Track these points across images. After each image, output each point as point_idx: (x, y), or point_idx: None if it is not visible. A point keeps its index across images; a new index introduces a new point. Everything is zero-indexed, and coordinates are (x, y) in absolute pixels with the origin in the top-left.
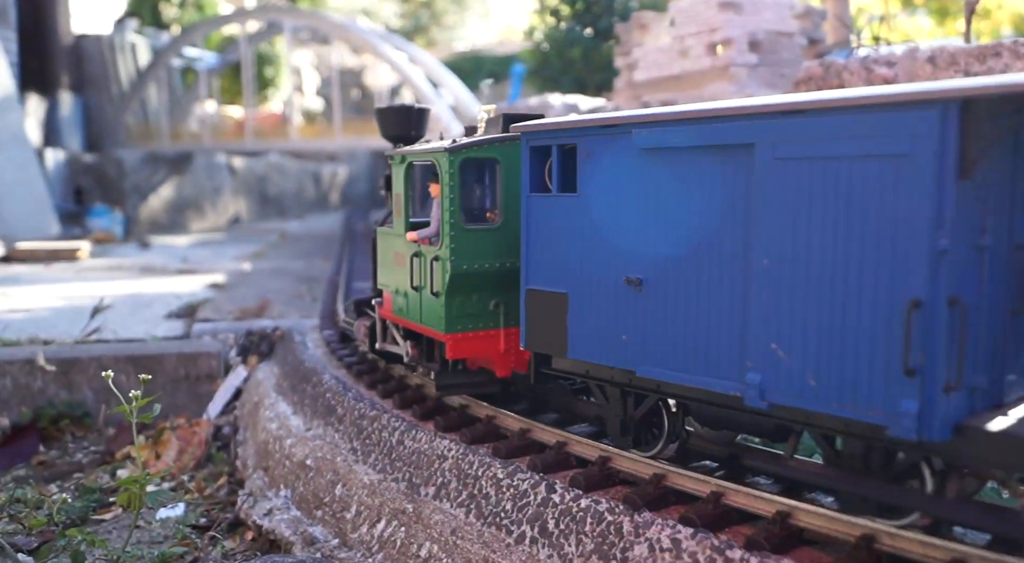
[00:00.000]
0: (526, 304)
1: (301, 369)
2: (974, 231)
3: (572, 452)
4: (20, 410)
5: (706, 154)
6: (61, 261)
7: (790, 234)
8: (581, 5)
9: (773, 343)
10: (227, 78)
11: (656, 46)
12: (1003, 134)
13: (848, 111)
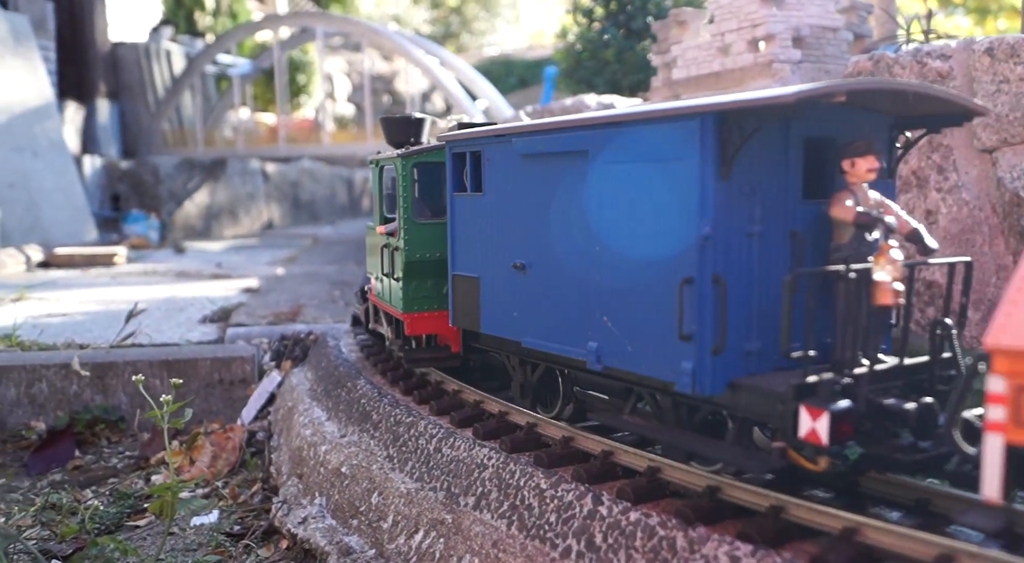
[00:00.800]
0: (452, 287)
1: (335, 374)
2: (742, 221)
3: (618, 462)
4: (56, 414)
5: (560, 158)
6: (98, 266)
7: (612, 226)
8: (615, 5)
9: (604, 316)
10: (260, 85)
11: (695, 43)
12: (751, 141)
13: (642, 123)
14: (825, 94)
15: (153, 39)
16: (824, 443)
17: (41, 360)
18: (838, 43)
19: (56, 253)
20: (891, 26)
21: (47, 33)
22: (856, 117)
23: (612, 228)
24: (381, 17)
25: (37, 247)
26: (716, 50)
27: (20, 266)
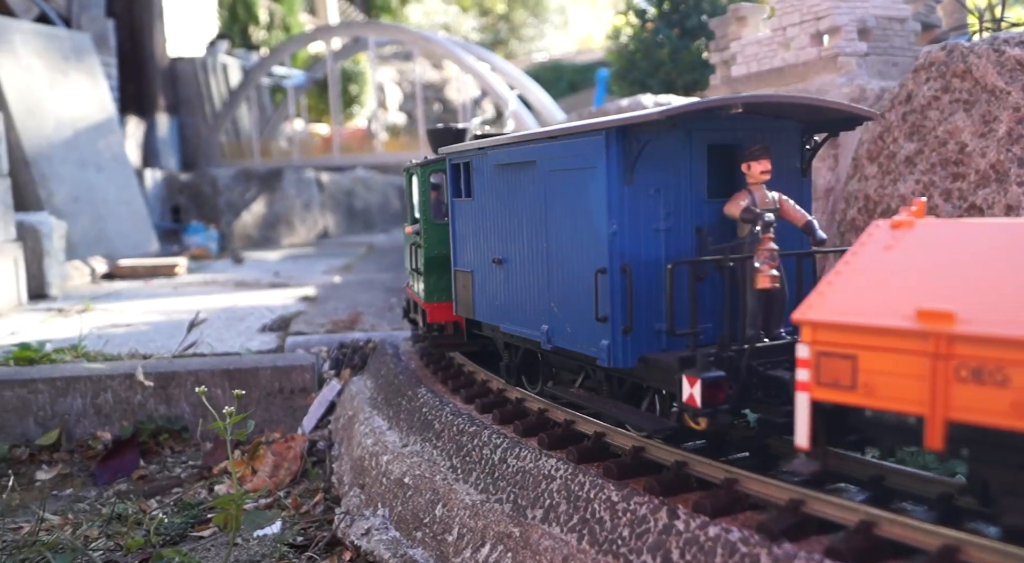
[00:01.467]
0: (455, 281)
1: (395, 382)
2: (648, 218)
3: (693, 473)
4: (121, 424)
5: (518, 167)
6: (160, 277)
7: (554, 224)
8: (668, 5)
9: (552, 302)
10: (313, 95)
11: (755, 39)
12: (656, 149)
13: (569, 137)
14: (685, 112)
15: (210, 53)
16: (698, 405)
17: (106, 371)
18: (905, 34)
19: (120, 265)
20: (960, 15)
21: (108, 49)
22: (766, 125)
23: (554, 226)
24: (430, 26)
25: (101, 259)
26: (778, 45)
27: (85, 278)
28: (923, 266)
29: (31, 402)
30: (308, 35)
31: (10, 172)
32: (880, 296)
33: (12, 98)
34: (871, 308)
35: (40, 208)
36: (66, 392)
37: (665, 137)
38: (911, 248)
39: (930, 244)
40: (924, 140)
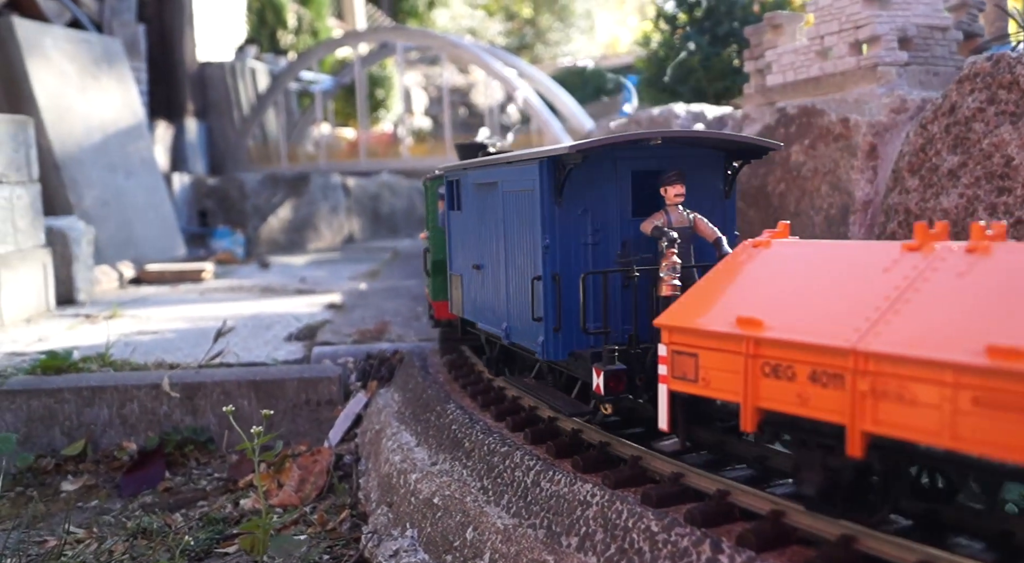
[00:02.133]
0: (450, 283)
1: (423, 397)
2: (577, 234)
3: (736, 503)
4: (147, 435)
5: (487, 187)
6: (187, 282)
7: (510, 238)
8: (700, 11)
9: (508, 304)
10: (340, 100)
11: (791, 47)
12: (585, 174)
13: (518, 164)
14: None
15: (238, 58)
16: (601, 393)
17: (133, 380)
18: (947, 43)
19: (147, 269)
20: (1002, 23)
21: (139, 54)
22: (692, 152)
23: (510, 239)
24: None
25: (129, 264)
26: (815, 54)
27: (113, 283)
28: (758, 280)
29: (57, 412)
30: (336, 40)
31: (40, 177)
32: (720, 305)
33: (44, 103)
34: (711, 315)
35: (69, 213)
36: (92, 402)
37: (592, 164)
38: (758, 264)
39: (773, 261)
40: (968, 153)
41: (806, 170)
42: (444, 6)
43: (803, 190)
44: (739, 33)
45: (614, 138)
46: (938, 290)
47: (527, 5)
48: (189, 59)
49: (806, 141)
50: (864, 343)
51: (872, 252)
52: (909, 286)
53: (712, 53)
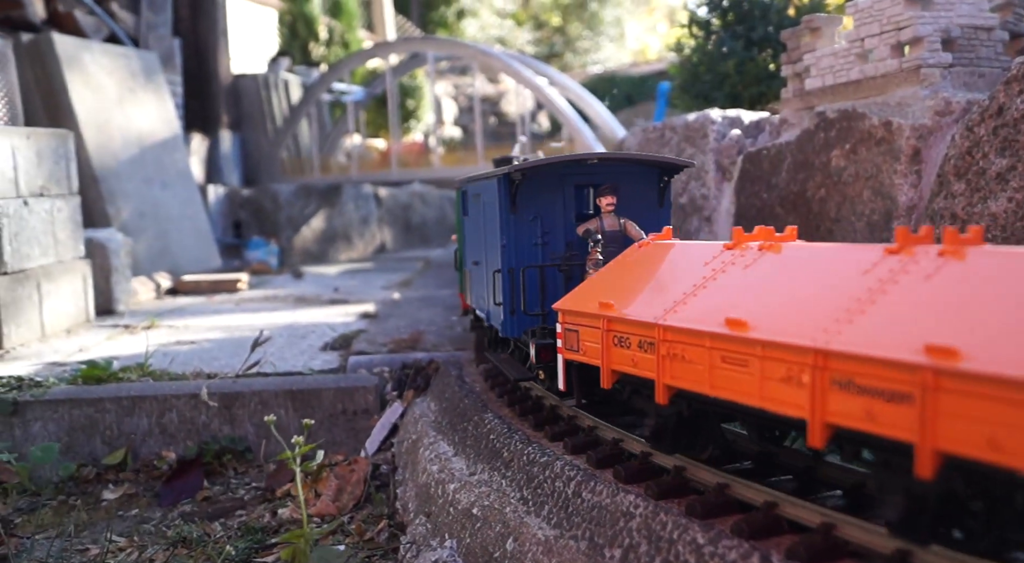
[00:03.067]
0: (463, 278)
1: (460, 406)
2: (530, 236)
3: (785, 515)
4: (186, 445)
5: (477, 197)
6: (222, 292)
7: (487, 240)
8: (733, 16)
9: (487, 293)
10: (371, 111)
11: (830, 50)
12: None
13: (491, 179)
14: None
15: (271, 70)
16: (534, 361)
17: (172, 390)
18: (993, 44)
19: (183, 280)
20: None
21: (174, 68)
22: (630, 169)
23: (487, 239)
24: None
25: (166, 274)
26: (855, 57)
27: (150, 293)
28: (629, 273)
29: (99, 421)
30: (367, 51)
31: (79, 189)
32: (598, 293)
33: (83, 117)
34: (589, 301)
35: (108, 225)
36: (132, 411)
37: (542, 179)
38: (635, 261)
39: (644, 258)
40: (1017, 156)
41: (847, 175)
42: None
43: (844, 195)
44: (774, 37)
45: (557, 158)
46: (732, 280)
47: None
48: (223, 72)
49: (847, 145)
50: (664, 320)
51: (700, 249)
52: (711, 277)
53: (747, 58)
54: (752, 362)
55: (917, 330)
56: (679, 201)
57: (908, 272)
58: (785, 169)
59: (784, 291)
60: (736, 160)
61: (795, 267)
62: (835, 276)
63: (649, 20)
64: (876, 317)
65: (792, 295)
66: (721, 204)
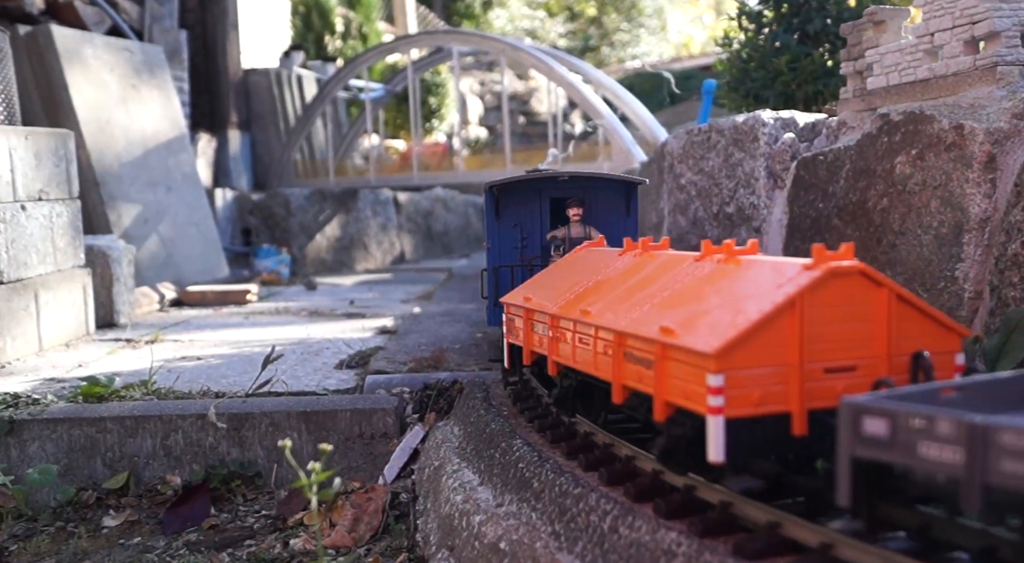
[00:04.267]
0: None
1: (486, 431)
2: (512, 240)
3: (841, 558)
4: (192, 468)
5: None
6: (230, 304)
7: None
8: (787, 7)
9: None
10: (391, 110)
11: (896, 46)
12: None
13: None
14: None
15: (284, 65)
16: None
17: (177, 410)
18: None
19: (189, 291)
20: None
21: (181, 63)
22: (598, 184)
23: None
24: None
25: (170, 285)
26: (923, 53)
27: (154, 305)
28: (556, 272)
29: (99, 442)
30: (387, 45)
31: (80, 194)
32: (530, 288)
33: (83, 116)
34: (520, 296)
35: (109, 231)
36: (135, 432)
37: (523, 192)
38: (566, 262)
39: (573, 260)
40: None
41: (912, 183)
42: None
43: (909, 206)
44: (833, 31)
45: (533, 175)
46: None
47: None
48: (233, 67)
49: (913, 151)
50: (556, 309)
51: (607, 255)
52: (600, 277)
53: (802, 53)
54: (592, 341)
55: (668, 316)
56: (725, 210)
57: (692, 274)
58: (844, 176)
59: (627, 287)
60: (789, 166)
61: (645, 268)
62: (658, 276)
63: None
64: (656, 307)
65: (630, 290)
66: (772, 214)
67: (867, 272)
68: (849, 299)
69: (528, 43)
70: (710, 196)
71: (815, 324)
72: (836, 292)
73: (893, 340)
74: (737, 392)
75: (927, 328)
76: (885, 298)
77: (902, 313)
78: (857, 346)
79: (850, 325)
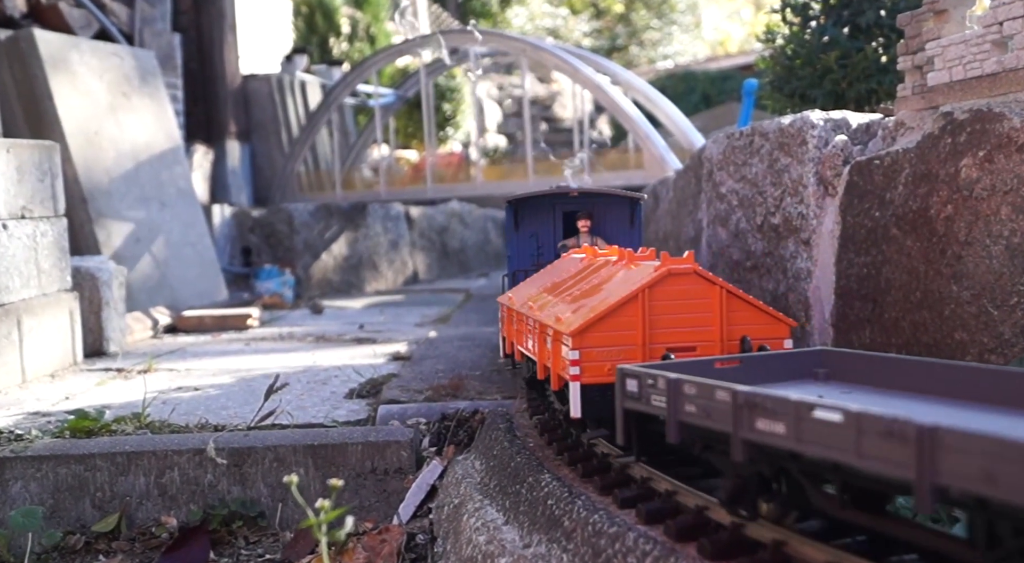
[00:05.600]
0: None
1: (511, 465)
2: (529, 249)
3: None
4: (189, 508)
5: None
6: (230, 330)
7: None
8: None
9: None
10: (402, 117)
11: (960, 38)
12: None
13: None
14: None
15: (286, 70)
16: None
17: (173, 445)
18: None
19: (184, 316)
20: None
21: (174, 68)
22: (605, 198)
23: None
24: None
25: (164, 309)
26: (991, 45)
27: (147, 331)
28: (542, 275)
29: (88, 481)
30: (397, 47)
31: (66, 211)
32: (515, 290)
33: (69, 128)
34: (508, 296)
35: (98, 252)
36: (128, 470)
37: (538, 206)
38: (551, 267)
39: (556, 265)
40: None
41: (980, 189)
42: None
43: (976, 214)
44: (888, 23)
45: (548, 191)
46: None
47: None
48: (231, 72)
49: (980, 153)
50: (518, 306)
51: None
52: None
53: (853, 48)
54: (533, 331)
55: (569, 308)
56: (770, 220)
57: (602, 275)
58: (902, 182)
59: (566, 286)
60: (841, 172)
61: (584, 270)
62: (586, 277)
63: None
64: (568, 301)
65: (567, 289)
66: (823, 224)
67: (700, 272)
68: (686, 294)
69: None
70: (753, 206)
71: (656, 313)
72: (674, 288)
73: (726, 327)
74: (590, 364)
75: (758, 319)
76: (718, 294)
77: (733, 306)
78: (696, 331)
79: (688, 315)
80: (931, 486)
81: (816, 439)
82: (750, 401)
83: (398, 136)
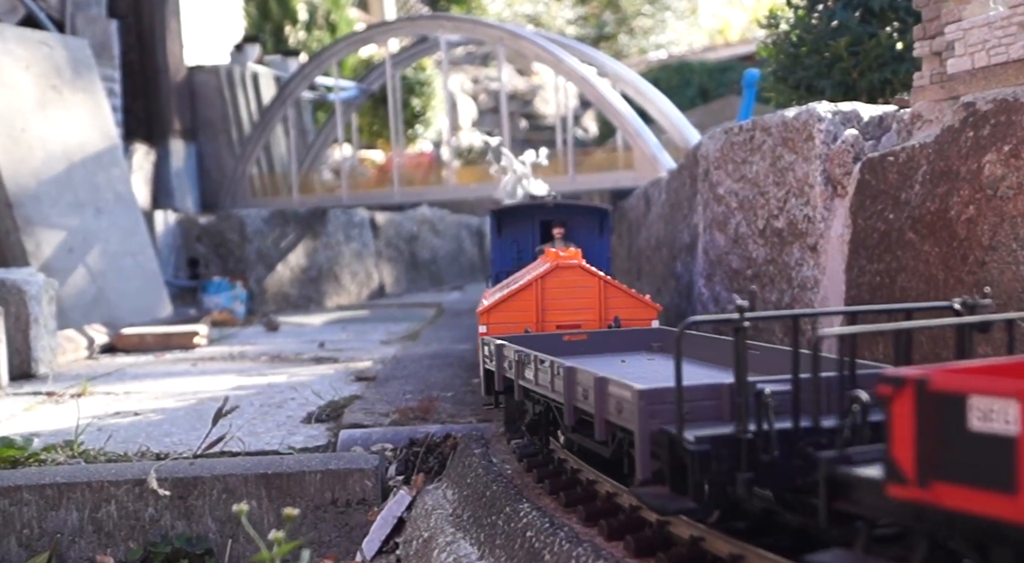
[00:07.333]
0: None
1: (486, 495)
2: (510, 252)
3: None
4: (128, 546)
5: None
6: (174, 349)
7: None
8: None
9: None
10: (366, 114)
11: (983, 20)
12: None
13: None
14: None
15: (236, 61)
16: None
17: (110, 475)
18: None
19: (124, 334)
20: None
21: (111, 59)
22: (580, 210)
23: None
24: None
25: (101, 327)
26: (1018, 27)
27: (81, 352)
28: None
29: (14, 517)
30: (360, 35)
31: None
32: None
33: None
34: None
35: (25, 262)
36: (58, 504)
37: (518, 214)
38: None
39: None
40: None
41: (1005, 187)
42: None
43: (1001, 215)
44: (902, 7)
45: (528, 202)
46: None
47: None
48: (174, 63)
49: (1005, 147)
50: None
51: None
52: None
53: (864, 34)
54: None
55: (497, 296)
56: (773, 224)
57: (532, 271)
58: (919, 181)
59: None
60: (852, 169)
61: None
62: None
63: None
64: (501, 291)
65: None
66: (831, 228)
67: (584, 266)
68: (572, 283)
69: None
70: (755, 208)
71: (548, 298)
72: (563, 278)
73: (603, 309)
74: None
75: (630, 303)
76: (596, 283)
77: (609, 293)
78: (580, 313)
79: (575, 300)
80: (570, 407)
81: (542, 382)
82: (522, 358)
83: (362, 134)
